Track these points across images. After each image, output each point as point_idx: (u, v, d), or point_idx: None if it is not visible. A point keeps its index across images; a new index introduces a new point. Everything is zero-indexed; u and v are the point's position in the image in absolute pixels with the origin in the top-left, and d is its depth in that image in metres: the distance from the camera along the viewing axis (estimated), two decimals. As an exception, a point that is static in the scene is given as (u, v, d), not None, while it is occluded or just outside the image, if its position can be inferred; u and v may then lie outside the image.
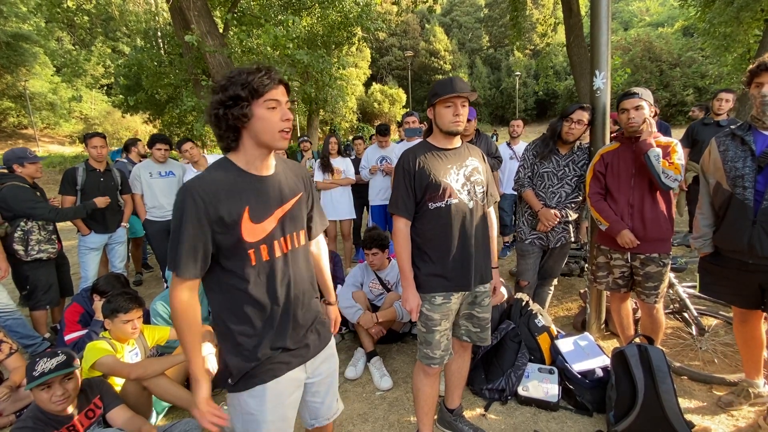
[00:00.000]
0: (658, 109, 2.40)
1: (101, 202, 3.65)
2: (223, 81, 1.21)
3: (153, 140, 4.23)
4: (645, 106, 2.26)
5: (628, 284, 2.48)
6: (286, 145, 1.28)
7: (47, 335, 3.45)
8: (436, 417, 2.19)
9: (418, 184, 1.78)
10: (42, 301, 3.39)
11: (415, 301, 1.81)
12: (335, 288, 3.12)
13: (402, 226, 1.82)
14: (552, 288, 3.16)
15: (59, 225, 3.81)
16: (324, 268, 1.65)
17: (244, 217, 1.21)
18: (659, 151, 2.18)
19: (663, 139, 2.30)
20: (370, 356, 2.83)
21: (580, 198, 2.75)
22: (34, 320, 3.40)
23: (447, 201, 1.78)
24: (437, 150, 1.83)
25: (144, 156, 5.22)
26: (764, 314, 2.11)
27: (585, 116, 2.60)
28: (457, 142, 1.88)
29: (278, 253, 1.29)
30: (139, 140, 5.53)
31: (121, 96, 16.20)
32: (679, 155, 2.23)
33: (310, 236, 1.55)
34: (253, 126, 1.22)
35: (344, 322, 3.15)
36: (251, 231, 1.23)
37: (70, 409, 1.85)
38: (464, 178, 1.82)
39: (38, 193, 3.40)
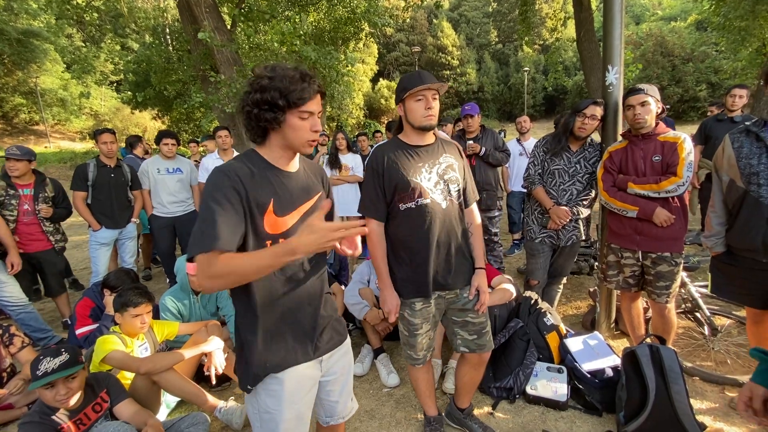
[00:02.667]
0: (667, 105, 2.35)
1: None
2: (264, 80, 1.18)
3: (160, 136, 4.23)
4: (651, 102, 2.23)
5: (639, 283, 2.45)
6: (311, 152, 1.29)
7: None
8: (445, 413, 2.20)
9: (387, 183, 1.71)
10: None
11: (393, 302, 1.77)
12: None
13: (375, 227, 1.77)
14: (561, 286, 3.13)
15: (70, 220, 3.84)
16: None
17: (269, 208, 1.21)
18: (659, 211, 2.21)
19: (671, 133, 2.27)
20: (377, 353, 2.83)
21: (592, 195, 2.71)
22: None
23: (417, 201, 1.70)
24: (408, 147, 1.75)
25: (148, 152, 5.30)
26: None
27: (598, 111, 2.57)
28: (429, 138, 1.80)
29: None
30: (141, 137, 5.62)
31: (129, 92, 16.29)
32: (687, 151, 2.18)
33: None
34: (283, 131, 1.22)
35: (351, 318, 3.16)
36: (273, 223, 1.22)
37: (76, 404, 1.84)
38: (437, 177, 1.74)
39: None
